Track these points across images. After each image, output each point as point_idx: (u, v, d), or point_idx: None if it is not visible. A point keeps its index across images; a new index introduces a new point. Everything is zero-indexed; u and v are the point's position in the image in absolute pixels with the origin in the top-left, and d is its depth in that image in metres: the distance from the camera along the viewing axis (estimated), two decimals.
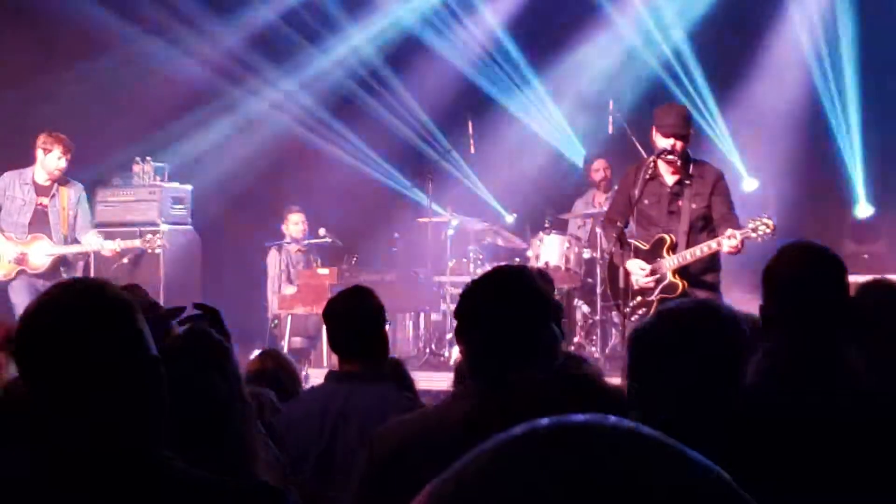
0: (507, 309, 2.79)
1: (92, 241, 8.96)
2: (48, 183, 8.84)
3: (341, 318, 4.17)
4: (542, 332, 2.82)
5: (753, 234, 6.71)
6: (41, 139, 8.78)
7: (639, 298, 7.14)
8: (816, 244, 3.18)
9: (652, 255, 7.07)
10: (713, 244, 6.81)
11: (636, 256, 7.12)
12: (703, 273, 7.02)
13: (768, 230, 6.69)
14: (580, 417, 0.85)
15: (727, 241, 6.72)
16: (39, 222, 8.80)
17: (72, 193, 8.95)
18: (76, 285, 2.06)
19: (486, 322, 2.79)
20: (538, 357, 2.78)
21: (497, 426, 0.92)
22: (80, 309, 1.90)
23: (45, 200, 8.82)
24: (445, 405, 2.89)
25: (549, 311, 2.88)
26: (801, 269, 3.04)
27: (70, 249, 8.89)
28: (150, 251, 9.31)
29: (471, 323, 2.83)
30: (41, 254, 8.73)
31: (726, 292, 7.23)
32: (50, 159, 8.75)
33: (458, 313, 2.88)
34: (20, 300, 8.51)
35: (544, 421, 0.86)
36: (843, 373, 2.89)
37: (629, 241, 7.20)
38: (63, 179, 8.92)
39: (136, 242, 9.17)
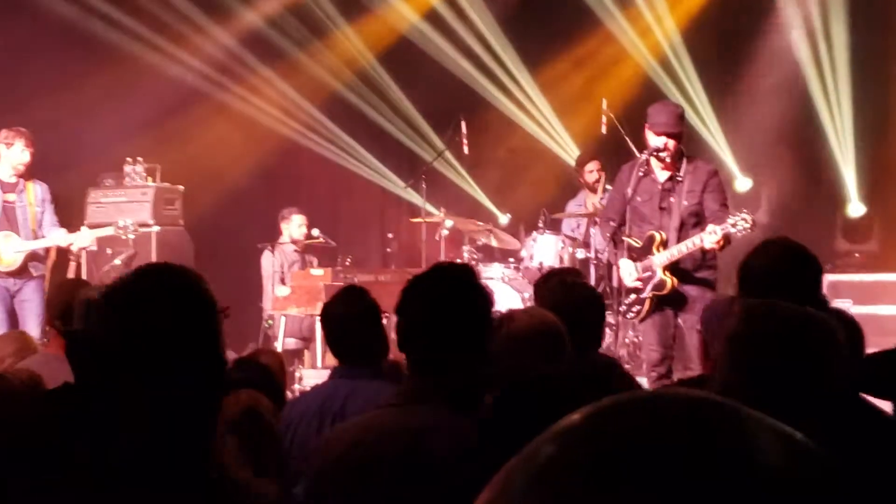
0: (446, 308, 2.85)
1: (61, 236, 8.85)
2: (14, 179, 8.74)
3: (337, 321, 4.18)
4: (475, 330, 2.87)
5: (733, 230, 6.72)
6: (2, 134, 8.67)
7: (633, 296, 7.16)
8: (794, 242, 3.19)
9: (644, 253, 7.09)
10: (696, 240, 6.83)
11: (629, 254, 7.15)
12: (696, 269, 7.04)
13: (747, 225, 6.70)
14: (686, 391, 0.85)
15: (708, 238, 6.75)
16: (6, 220, 8.70)
17: (39, 190, 8.84)
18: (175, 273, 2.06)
19: (427, 320, 2.85)
20: (474, 351, 2.84)
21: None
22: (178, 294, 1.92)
23: (11, 197, 8.72)
24: (382, 413, 2.91)
25: (485, 309, 2.93)
26: (775, 265, 3.05)
27: (40, 244, 8.77)
28: (124, 237, 9.23)
29: (411, 321, 2.88)
30: (10, 250, 8.63)
31: (722, 290, 7.25)
32: (13, 153, 8.64)
33: (399, 311, 2.93)
34: None
35: (643, 392, 0.87)
36: None
37: (623, 238, 7.22)
38: (28, 176, 8.82)
39: (109, 230, 9.10)
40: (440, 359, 2.81)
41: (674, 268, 6.99)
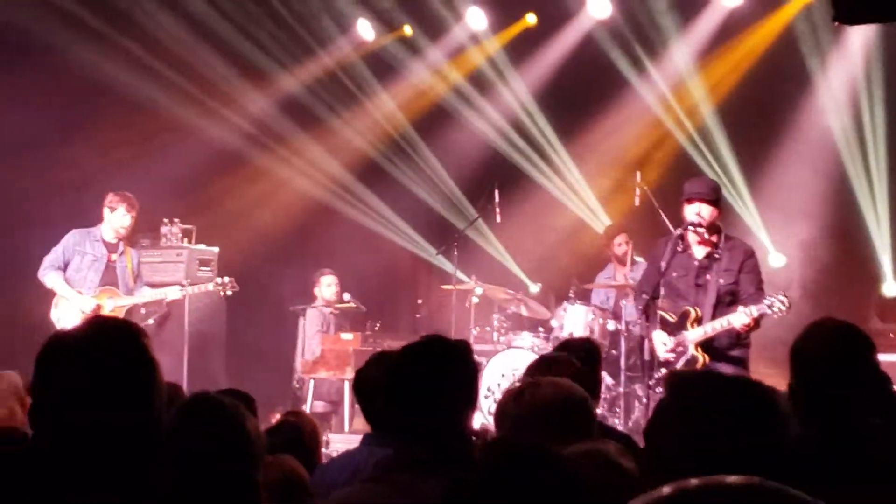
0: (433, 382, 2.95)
1: (153, 292, 9.37)
2: (115, 241, 9.20)
3: (369, 387, 4.17)
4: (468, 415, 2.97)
5: (769, 311, 6.74)
6: (108, 198, 9.18)
7: (662, 371, 7.13)
8: (844, 323, 3.17)
9: (678, 328, 7.08)
10: (725, 321, 6.84)
11: (663, 328, 7.13)
12: (729, 348, 7.02)
13: (784, 307, 6.71)
14: (733, 478, 0.89)
15: (738, 319, 6.77)
16: (108, 278, 9.14)
17: (134, 254, 9.39)
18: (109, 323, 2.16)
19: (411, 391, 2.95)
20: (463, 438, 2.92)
21: None
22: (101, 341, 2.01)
23: (114, 257, 9.18)
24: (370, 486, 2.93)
25: (471, 383, 3.02)
26: (828, 348, 3.03)
27: (138, 300, 9.23)
28: (223, 294, 9.65)
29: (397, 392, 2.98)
30: (113, 305, 9.05)
31: (753, 367, 7.22)
32: (116, 217, 9.13)
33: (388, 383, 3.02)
34: None
35: (694, 481, 0.91)
36: (869, 452, 2.87)
37: (656, 312, 7.21)
38: (128, 239, 9.30)
39: (209, 286, 9.42)
40: (413, 429, 2.90)
41: (707, 345, 6.97)
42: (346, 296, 10.72)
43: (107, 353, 2.01)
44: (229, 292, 9.63)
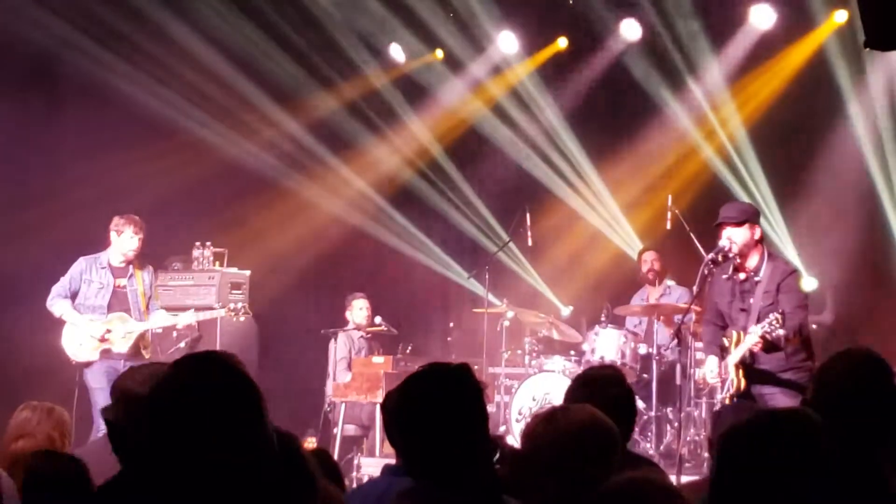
0: (448, 412, 2.93)
1: (166, 317, 9.14)
2: (123, 265, 9.03)
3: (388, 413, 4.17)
4: (479, 437, 2.94)
5: (768, 328, 6.74)
6: (114, 222, 9.00)
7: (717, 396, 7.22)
8: (868, 350, 3.19)
9: (726, 353, 7.09)
10: (747, 341, 6.84)
11: (721, 354, 7.13)
12: (781, 371, 6.92)
13: (777, 325, 6.70)
14: None
15: (750, 339, 6.79)
16: (118, 303, 8.98)
17: (145, 276, 9.15)
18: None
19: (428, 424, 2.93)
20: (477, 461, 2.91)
21: None
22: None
23: (122, 282, 9.02)
24: None
25: (484, 414, 2.99)
26: (853, 376, 3.05)
27: (149, 325, 9.03)
28: (235, 319, 9.46)
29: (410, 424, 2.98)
30: (123, 331, 8.88)
31: None
32: (123, 240, 8.95)
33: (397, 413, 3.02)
34: (99, 385, 8.62)
35: None
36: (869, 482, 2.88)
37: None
38: (137, 262, 9.10)
39: (221, 312, 9.34)
40: (428, 458, 2.91)
41: (752, 369, 6.93)
42: (378, 319, 10.72)
43: (218, 389, 2.02)
44: (242, 318, 9.49)
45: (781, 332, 6.74)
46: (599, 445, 3.05)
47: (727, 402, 6.97)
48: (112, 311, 8.92)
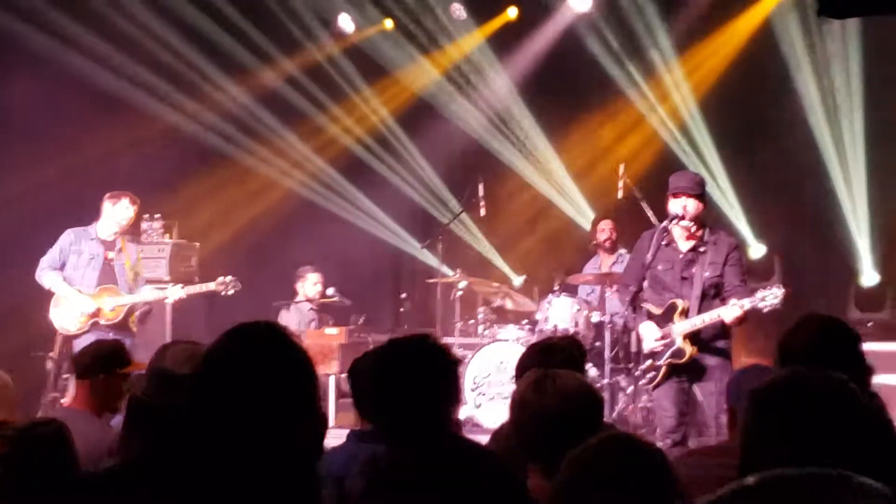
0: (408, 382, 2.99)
1: (155, 291, 9.14)
2: (113, 237, 9.00)
3: (362, 379, 4.19)
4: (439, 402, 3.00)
5: (762, 304, 6.83)
6: (108, 195, 8.98)
7: (648, 362, 7.19)
8: (831, 317, 3.22)
9: (664, 320, 7.14)
10: (715, 314, 6.92)
11: (649, 320, 7.20)
12: (713, 339, 7.10)
13: (776, 300, 6.80)
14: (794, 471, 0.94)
15: (729, 312, 6.87)
16: (106, 276, 8.94)
17: (133, 250, 9.16)
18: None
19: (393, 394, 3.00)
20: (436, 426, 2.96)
21: None
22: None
23: (111, 254, 8.99)
24: None
25: (450, 385, 3.06)
26: (815, 341, 3.08)
27: (139, 298, 9.02)
28: (224, 294, 9.43)
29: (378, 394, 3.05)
30: (114, 304, 8.86)
31: (735, 357, 7.32)
32: (119, 209, 8.93)
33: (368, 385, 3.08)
34: None
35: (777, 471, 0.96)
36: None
37: (642, 304, 7.27)
38: (127, 235, 9.11)
39: (212, 286, 9.31)
40: (405, 426, 2.97)
41: (693, 337, 7.04)
42: (331, 290, 10.71)
43: (269, 360, 1.98)
44: (231, 291, 9.46)
45: (777, 306, 6.84)
46: (588, 410, 3.09)
47: (666, 367, 7.07)
48: (100, 284, 8.88)
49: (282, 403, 1.93)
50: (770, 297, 6.81)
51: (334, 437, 4.62)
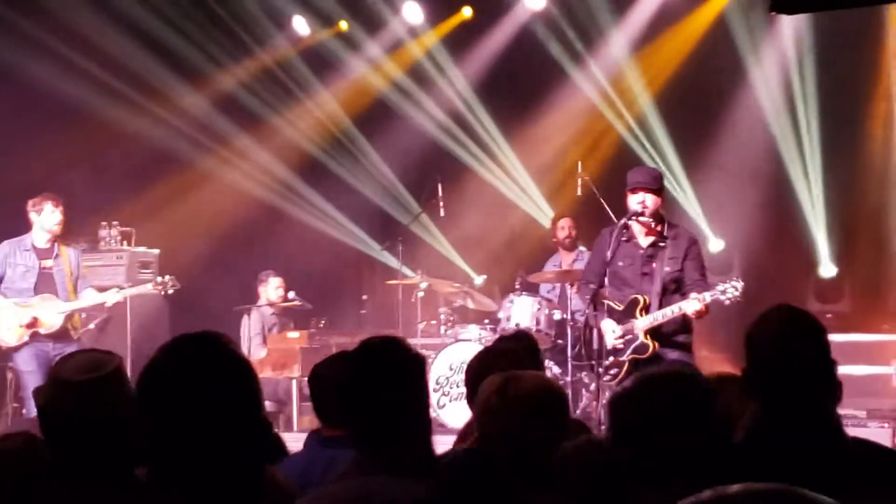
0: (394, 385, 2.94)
1: (94, 295, 8.99)
2: (48, 245, 8.87)
3: (328, 384, 4.18)
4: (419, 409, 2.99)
5: (722, 297, 6.88)
6: (30, 203, 8.84)
7: (611, 359, 7.22)
8: (797, 309, 3.23)
9: (625, 316, 7.18)
10: (677, 308, 6.95)
11: (610, 317, 7.22)
12: (674, 334, 7.14)
13: (737, 293, 6.85)
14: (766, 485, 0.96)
15: (690, 305, 6.90)
16: (44, 285, 8.81)
17: (72, 255, 9.01)
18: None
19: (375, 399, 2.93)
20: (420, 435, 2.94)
21: None
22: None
23: (48, 263, 8.86)
24: (337, 486, 2.96)
25: (424, 386, 3.03)
26: (781, 334, 3.09)
27: (77, 305, 8.91)
28: (163, 293, 9.38)
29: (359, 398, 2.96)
30: (52, 312, 8.73)
31: (696, 351, 7.37)
32: (44, 217, 8.80)
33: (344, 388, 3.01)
34: (30, 368, 8.55)
35: (733, 487, 0.97)
36: (824, 432, 2.95)
37: (603, 301, 7.30)
38: (62, 240, 8.96)
39: (148, 287, 9.24)
40: (383, 429, 2.90)
41: (654, 332, 7.08)
42: (291, 294, 10.69)
43: (207, 371, 1.96)
44: (171, 290, 9.38)
45: (738, 298, 6.88)
46: (552, 410, 3.08)
47: (629, 363, 7.11)
48: (38, 293, 8.76)
49: (223, 414, 1.91)
50: (730, 289, 6.86)
51: (297, 441, 4.62)
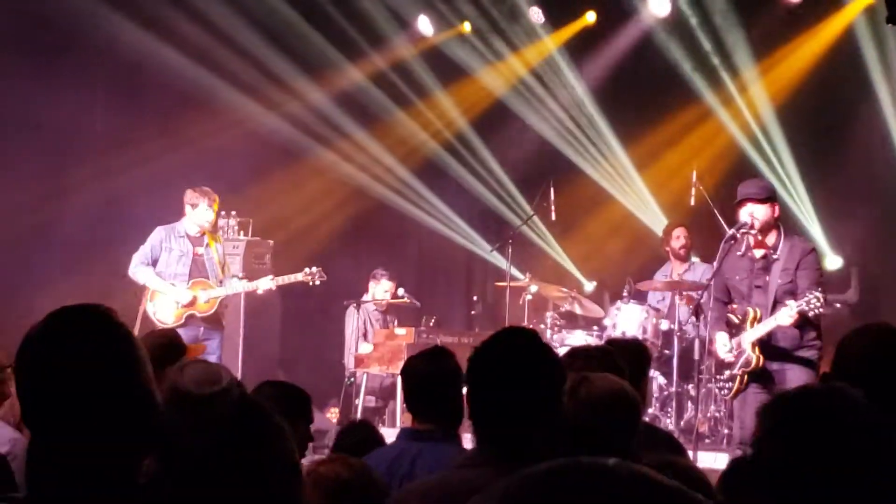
0: (520, 375, 2.78)
1: (243, 283, 9.42)
2: (199, 234, 9.27)
3: (419, 378, 4.20)
4: (553, 400, 2.82)
5: (807, 308, 6.71)
6: (188, 195, 9.22)
7: (727, 372, 7.14)
8: (890, 327, 3.18)
9: (739, 329, 7.10)
10: (773, 320, 6.82)
11: (728, 330, 7.13)
12: (795, 349, 6.94)
13: (818, 304, 6.69)
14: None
15: (783, 314, 6.76)
16: (197, 271, 9.22)
17: (219, 246, 9.44)
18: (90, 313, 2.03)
19: (499, 387, 2.79)
20: (546, 425, 2.78)
21: None
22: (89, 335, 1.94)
23: (200, 250, 9.26)
24: (461, 472, 2.89)
25: (560, 380, 2.87)
26: (873, 350, 3.05)
27: (230, 290, 9.32)
28: (311, 284, 9.62)
29: (482, 387, 2.83)
30: (206, 297, 9.15)
31: (825, 369, 7.14)
32: (199, 212, 9.19)
33: (468, 376, 2.86)
34: None
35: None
36: None
37: (707, 312, 7.24)
38: (211, 231, 9.39)
39: (299, 276, 9.50)
40: (512, 434, 2.77)
41: (768, 346, 6.94)
42: (401, 291, 10.73)
43: (86, 344, 1.92)
44: (318, 282, 9.63)
45: (821, 310, 6.73)
46: (621, 414, 3.06)
47: (741, 377, 7.01)
48: (192, 278, 9.16)
49: (102, 387, 1.89)
50: (813, 301, 6.68)
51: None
